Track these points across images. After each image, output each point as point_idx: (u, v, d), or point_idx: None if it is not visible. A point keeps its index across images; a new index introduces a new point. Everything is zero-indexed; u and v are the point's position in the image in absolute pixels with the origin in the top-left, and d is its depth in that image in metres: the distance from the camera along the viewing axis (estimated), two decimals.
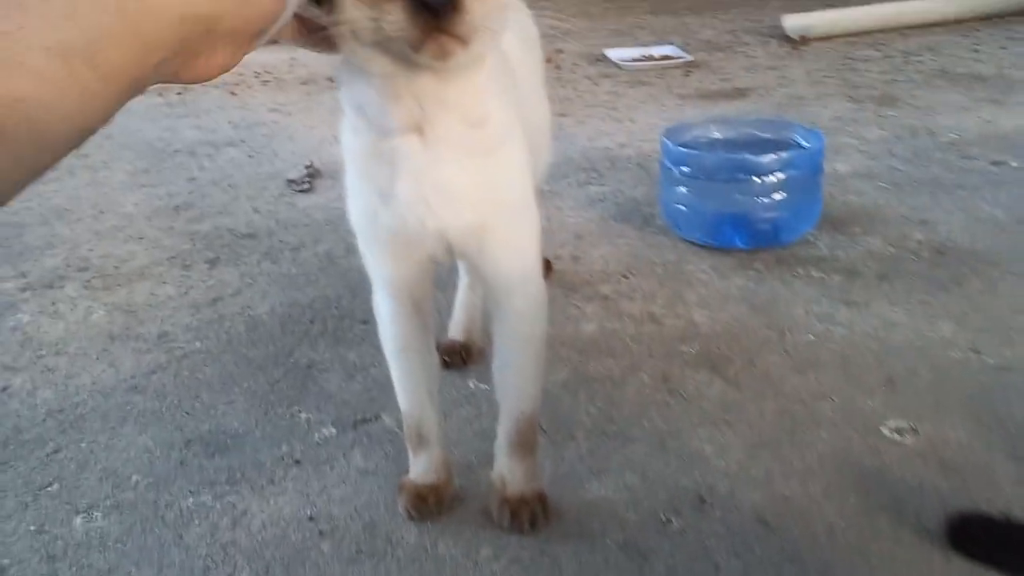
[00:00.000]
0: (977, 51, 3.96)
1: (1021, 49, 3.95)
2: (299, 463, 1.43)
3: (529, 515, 1.25)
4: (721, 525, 1.25)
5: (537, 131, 1.39)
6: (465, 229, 1.07)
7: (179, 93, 3.84)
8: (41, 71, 0.66)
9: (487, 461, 1.31)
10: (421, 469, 1.30)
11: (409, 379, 1.26)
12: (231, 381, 1.67)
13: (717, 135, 2.31)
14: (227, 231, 2.39)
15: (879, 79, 3.60)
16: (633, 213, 2.38)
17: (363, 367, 1.69)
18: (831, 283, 1.94)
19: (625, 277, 2.02)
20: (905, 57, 3.91)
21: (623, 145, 2.95)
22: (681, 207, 2.15)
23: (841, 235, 2.16)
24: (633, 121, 3.23)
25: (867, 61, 3.90)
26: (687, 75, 3.83)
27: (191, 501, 1.35)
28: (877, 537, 1.22)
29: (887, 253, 2.06)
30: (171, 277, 2.12)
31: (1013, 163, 2.59)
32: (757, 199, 2.05)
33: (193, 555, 1.25)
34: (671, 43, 4.31)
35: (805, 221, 2.14)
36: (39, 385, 1.69)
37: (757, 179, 2.04)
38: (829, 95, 3.41)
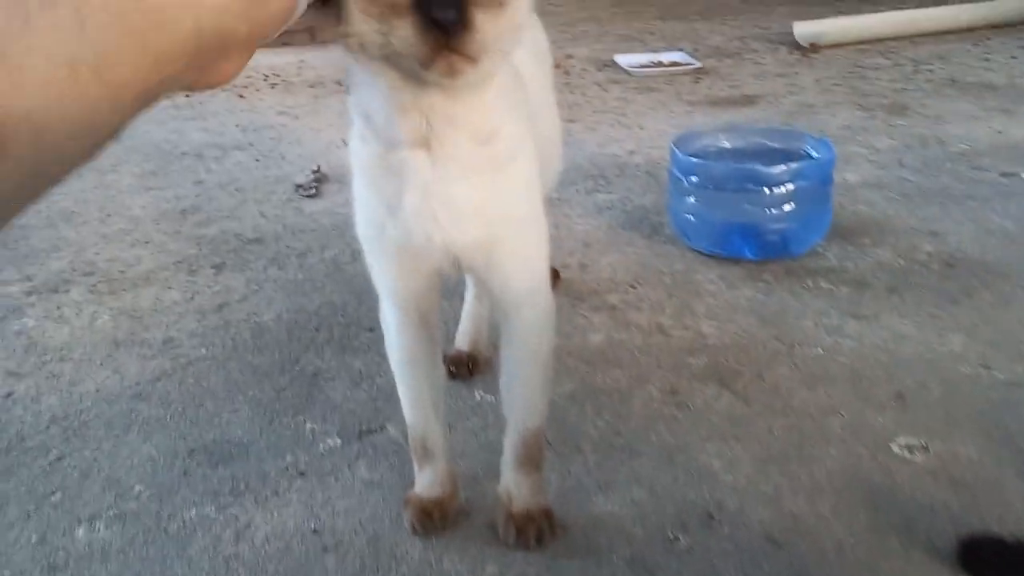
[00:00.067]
0: (988, 60, 3.94)
1: None
2: (303, 474, 1.42)
3: (535, 531, 1.23)
4: (729, 542, 1.24)
5: (547, 141, 1.38)
6: (473, 244, 1.06)
7: (187, 95, 3.84)
8: (48, 86, 0.65)
9: (493, 474, 1.30)
10: (426, 483, 1.29)
11: (415, 392, 1.25)
12: (236, 389, 1.66)
13: (726, 144, 2.30)
14: (234, 236, 2.38)
15: (889, 87, 3.58)
16: (641, 221, 2.37)
17: (369, 375, 1.68)
18: (840, 295, 1.92)
19: (633, 287, 2.01)
20: (915, 65, 3.90)
21: (632, 152, 2.94)
22: (690, 217, 2.14)
23: (850, 246, 2.15)
24: (642, 128, 3.21)
25: (877, 69, 3.88)
26: (696, 81, 3.82)
27: (194, 512, 1.34)
28: (887, 556, 1.21)
29: (897, 265, 2.05)
30: (177, 282, 2.11)
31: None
32: (766, 210, 2.04)
33: (196, 569, 1.24)
34: (680, 49, 4.29)
35: (815, 232, 2.13)
36: (43, 391, 1.68)
37: (767, 190, 2.03)
38: (839, 103, 3.40)
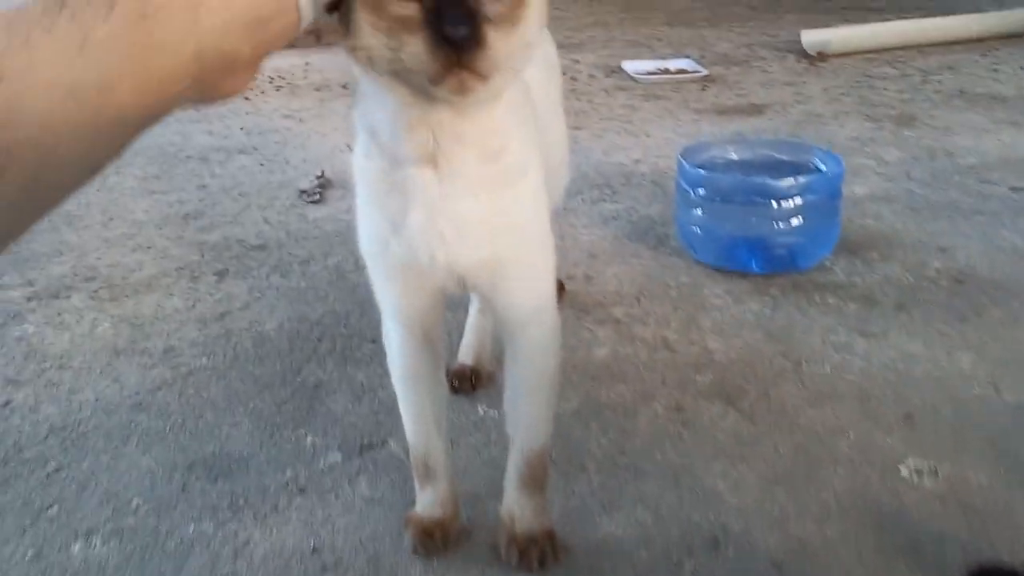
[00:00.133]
0: (996, 71, 3.92)
1: None
2: (304, 490, 1.40)
3: (538, 554, 1.21)
4: (735, 567, 1.22)
5: (554, 156, 1.36)
6: (479, 264, 1.04)
7: (195, 110, 3.82)
8: (51, 112, 0.64)
9: (496, 492, 1.28)
10: (428, 503, 1.27)
11: (417, 410, 1.23)
12: (236, 400, 1.65)
13: (734, 156, 2.28)
14: (236, 242, 2.36)
15: (897, 98, 3.56)
16: (647, 232, 2.35)
17: (371, 388, 1.66)
18: (848, 311, 1.90)
19: (638, 300, 1.99)
20: (923, 76, 3.88)
21: (638, 161, 2.92)
22: (696, 229, 2.12)
23: (858, 260, 2.13)
24: (648, 136, 3.20)
25: (885, 79, 3.86)
26: (703, 89, 3.80)
27: (192, 529, 1.32)
28: None
29: (905, 281, 2.03)
30: (179, 289, 2.10)
31: None
32: (774, 223, 2.02)
33: None
34: (687, 56, 4.27)
35: (822, 246, 2.11)
36: (42, 400, 1.66)
37: (775, 203, 2.01)
38: (846, 113, 3.38)
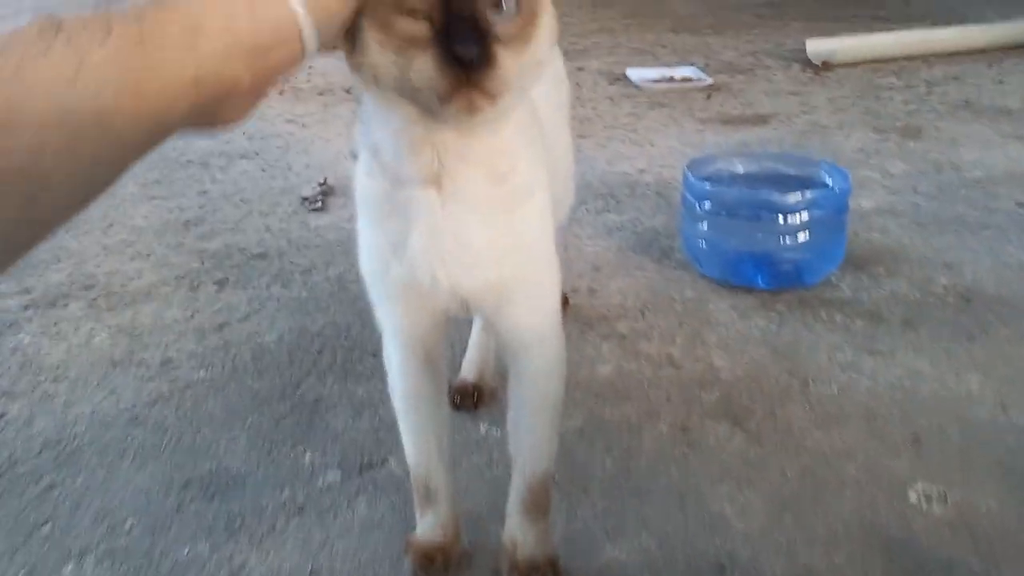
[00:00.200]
0: (1002, 82, 3.89)
1: None
2: (302, 511, 1.37)
3: None
4: None
5: (561, 174, 1.34)
6: (483, 287, 1.01)
7: (193, 136, 3.80)
8: (42, 143, 0.62)
9: (498, 514, 1.25)
10: (428, 527, 1.24)
11: (418, 433, 1.20)
12: (234, 415, 1.62)
13: (740, 169, 2.25)
14: (237, 250, 2.34)
15: (903, 109, 3.54)
16: (652, 244, 2.32)
17: (371, 404, 1.64)
18: (855, 329, 1.88)
19: (643, 314, 1.96)
20: (929, 87, 3.85)
21: (642, 171, 2.89)
22: (702, 243, 2.10)
23: (865, 276, 2.10)
24: (653, 145, 3.17)
25: (890, 89, 3.83)
26: (708, 98, 3.77)
27: (187, 551, 1.29)
28: None
29: (912, 298, 2.00)
30: (178, 299, 2.07)
31: None
32: (780, 239, 2.00)
33: None
34: (692, 64, 4.25)
35: (829, 262, 2.09)
36: (37, 413, 1.64)
37: (781, 218, 1.99)
38: (852, 124, 3.35)
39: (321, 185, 2.74)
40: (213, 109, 0.73)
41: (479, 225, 0.97)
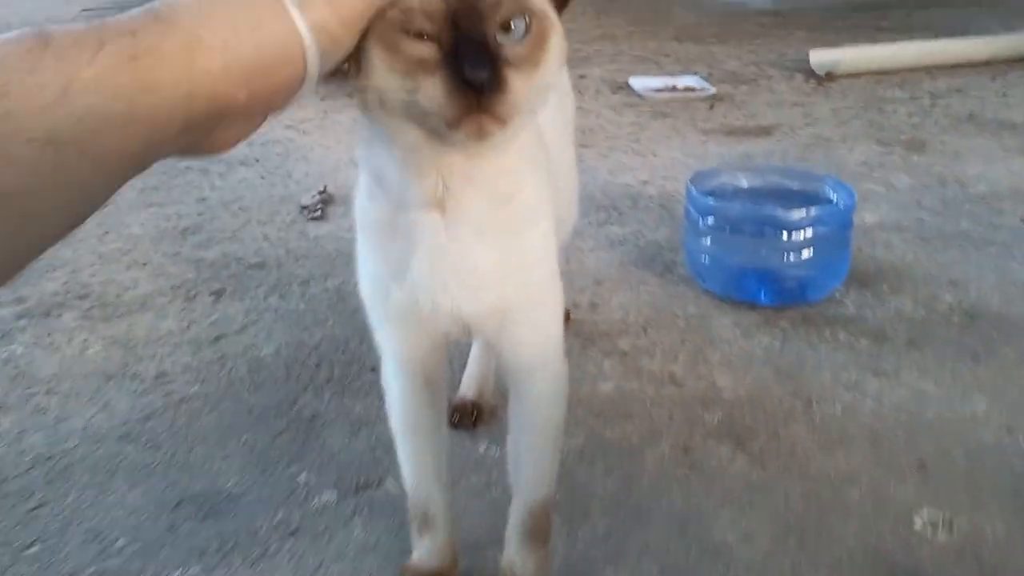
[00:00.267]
0: (1006, 95, 3.87)
1: None
2: (295, 533, 1.35)
3: None
4: None
5: (565, 195, 1.32)
6: (485, 312, 0.99)
7: (185, 160, 3.78)
8: (27, 164, 0.60)
9: (496, 539, 1.23)
10: (425, 552, 1.21)
11: (417, 459, 1.18)
12: (229, 432, 1.60)
13: (744, 183, 2.23)
14: (235, 260, 2.31)
15: (906, 122, 3.51)
16: (654, 258, 2.30)
17: (368, 422, 1.61)
18: (859, 347, 1.85)
19: (645, 330, 1.94)
20: (933, 99, 3.83)
21: (645, 182, 2.87)
22: (705, 258, 2.07)
23: (869, 293, 2.08)
24: (655, 155, 3.15)
25: (894, 101, 3.81)
26: (711, 108, 3.75)
27: (179, 574, 1.27)
28: None
29: (916, 316, 1.98)
30: (173, 309, 2.05)
31: None
32: (785, 255, 1.98)
33: None
34: (695, 74, 4.23)
35: (833, 278, 2.06)
36: (28, 428, 1.61)
37: (785, 234, 1.96)
38: (855, 137, 3.33)
39: (321, 193, 2.72)
40: (206, 131, 0.71)
41: (483, 248, 0.95)
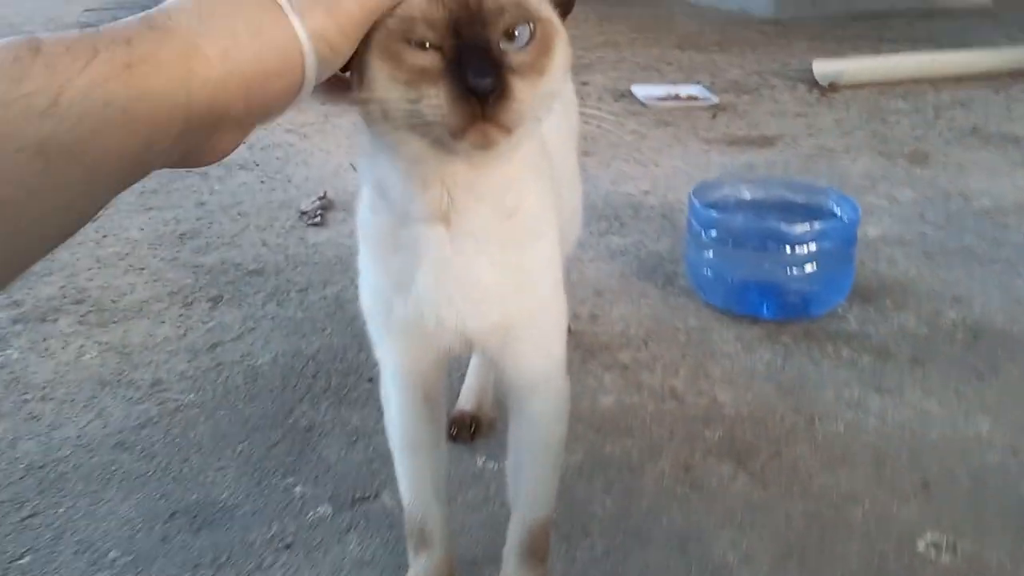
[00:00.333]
0: (1010, 109, 3.86)
1: None
2: (290, 547, 1.33)
3: None
4: None
5: (569, 205, 1.30)
6: (489, 327, 0.97)
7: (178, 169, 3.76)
8: (18, 174, 0.58)
9: (494, 555, 1.21)
10: (421, 571, 1.19)
11: (415, 475, 1.16)
12: (224, 442, 1.58)
13: (747, 195, 2.22)
14: (233, 266, 2.29)
15: (910, 134, 3.50)
16: (656, 270, 2.28)
17: (366, 433, 1.59)
18: (862, 364, 1.84)
19: (646, 343, 1.92)
20: (936, 111, 3.81)
21: (647, 192, 2.85)
22: (707, 271, 2.06)
23: (872, 308, 2.06)
24: (657, 165, 3.13)
25: (897, 113, 3.80)
26: (713, 118, 3.74)
27: None
28: None
29: (920, 333, 1.96)
30: (170, 316, 2.03)
31: None
32: (787, 269, 1.96)
33: None
34: (698, 82, 4.22)
35: (836, 293, 2.05)
36: (21, 435, 1.59)
37: (788, 249, 1.95)
38: (858, 148, 3.32)
39: (320, 199, 2.70)
40: (199, 140, 0.69)
41: (488, 263, 0.93)
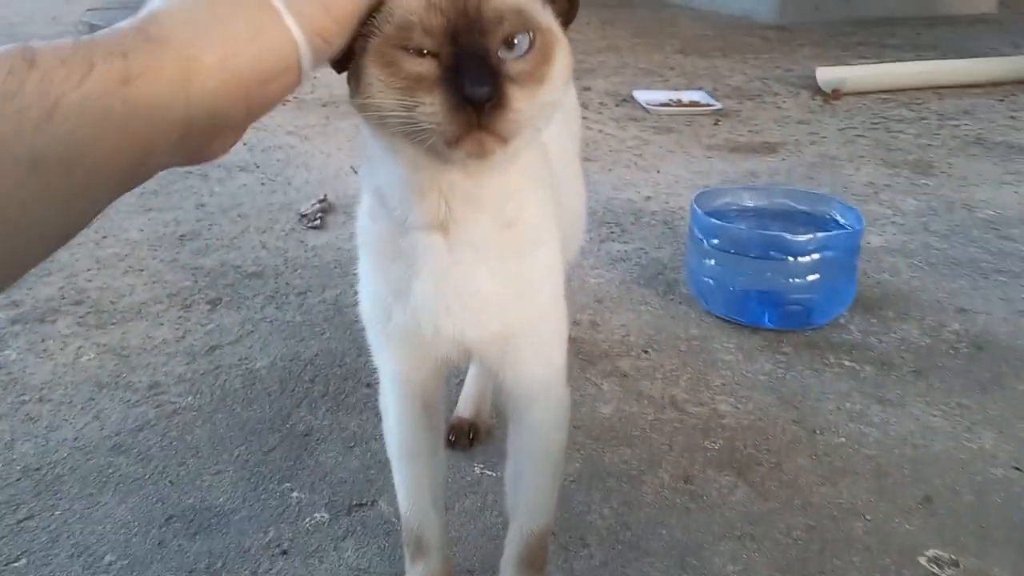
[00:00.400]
0: (1014, 118, 3.85)
1: None
2: (286, 553, 1.32)
3: None
4: None
5: (571, 213, 1.29)
6: (488, 337, 0.96)
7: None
8: (13, 185, 0.57)
9: (490, 565, 1.21)
10: None
11: (413, 484, 1.15)
12: (221, 446, 1.57)
13: (749, 203, 2.21)
14: (232, 268, 2.28)
15: (914, 143, 3.49)
16: (656, 277, 2.27)
17: (363, 439, 1.59)
18: (864, 375, 1.82)
19: (646, 352, 1.91)
20: (940, 120, 3.81)
21: (648, 198, 2.84)
22: (708, 280, 2.05)
23: (874, 319, 2.05)
24: (659, 171, 3.12)
25: (901, 121, 3.79)
26: (716, 123, 3.73)
27: None
28: None
29: (923, 344, 1.95)
30: (169, 318, 2.02)
31: None
32: (790, 279, 1.95)
33: None
34: (700, 88, 4.21)
35: (839, 303, 2.04)
36: (18, 437, 1.58)
37: (791, 258, 1.94)
38: (862, 157, 3.31)
39: (320, 202, 2.69)
40: (199, 145, 0.68)
41: (487, 272, 0.92)
